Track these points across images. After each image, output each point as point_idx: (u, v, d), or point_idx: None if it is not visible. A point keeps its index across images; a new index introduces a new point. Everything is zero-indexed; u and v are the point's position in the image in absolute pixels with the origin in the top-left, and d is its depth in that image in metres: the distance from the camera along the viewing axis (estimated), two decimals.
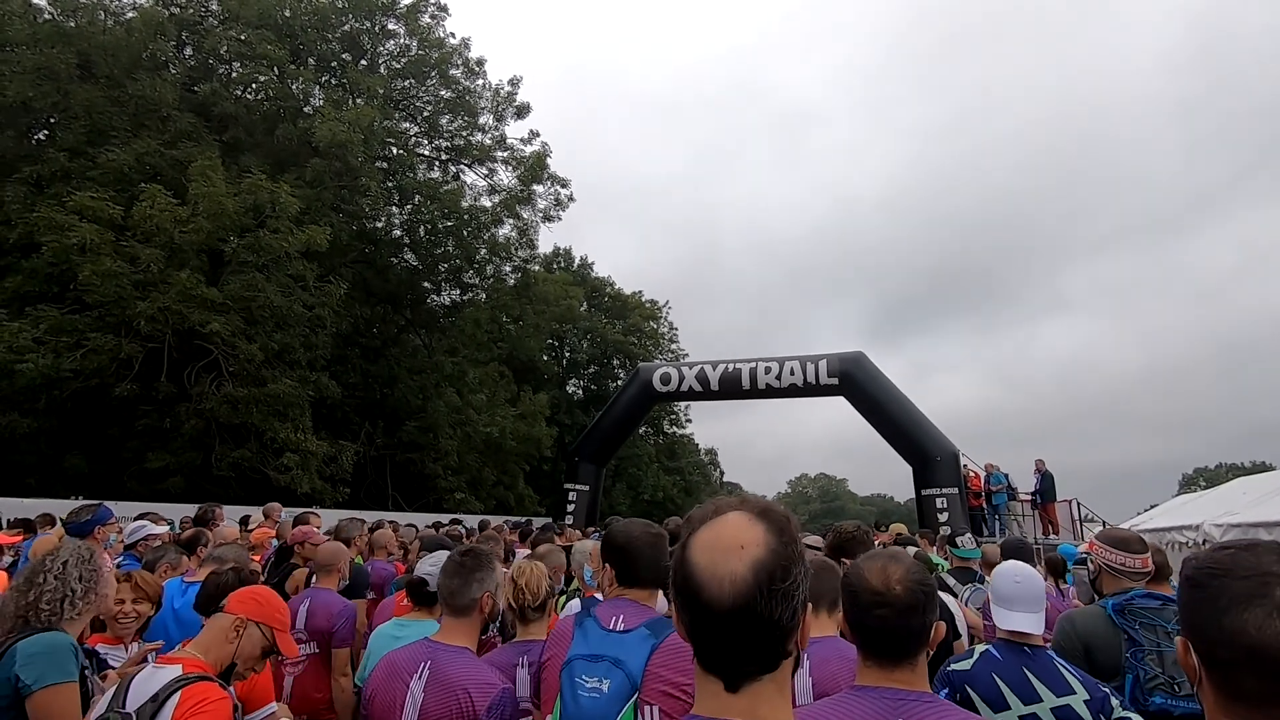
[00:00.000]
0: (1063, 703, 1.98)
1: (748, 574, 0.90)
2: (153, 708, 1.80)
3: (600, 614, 1.91)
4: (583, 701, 1.70)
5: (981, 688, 2.06)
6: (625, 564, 2.01)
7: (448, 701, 2.01)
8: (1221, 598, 0.96)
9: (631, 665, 1.73)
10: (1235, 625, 0.93)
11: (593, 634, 1.85)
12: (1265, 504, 7.02)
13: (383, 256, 20.28)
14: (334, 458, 15.44)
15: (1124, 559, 2.62)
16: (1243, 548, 1.02)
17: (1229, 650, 0.94)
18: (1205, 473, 67.33)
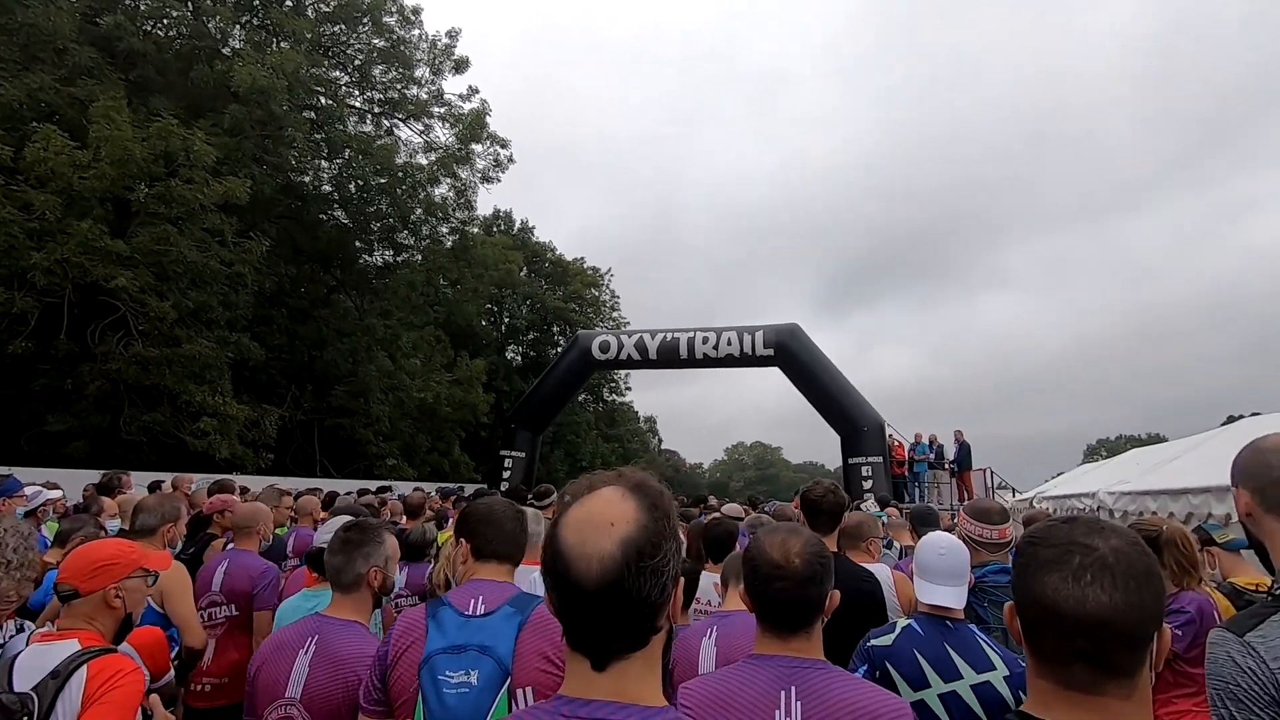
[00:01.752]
0: (983, 679, 1.95)
1: (616, 551, 0.89)
2: (55, 684, 1.68)
3: (456, 600, 1.76)
4: (449, 700, 1.56)
5: (902, 664, 2.01)
6: (483, 536, 1.90)
7: (333, 677, 1.96)
8: (1032, 564, 1.03)
9: (500, 649, 1.63)
10: (1038, 588, 1.00)
11: (450, 624, 1.69)
12: (1154, 474, 7.54)
13: (310, 213, 19.28)
14: (256, 422, 14.81)
15: (982, 530, 2.69)
16: (1063, 520, 1.08)
17: (1034, 611, 1.01)
18: (1107, 443, 72.35)
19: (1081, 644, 0.96)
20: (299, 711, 1.95)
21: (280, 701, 1.97)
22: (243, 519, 3.91)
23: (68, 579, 1.90)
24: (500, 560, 1.91)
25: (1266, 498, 1.37)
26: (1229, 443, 7.46)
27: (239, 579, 3.59)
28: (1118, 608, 0.95)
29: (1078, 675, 0.97)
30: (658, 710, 0.92)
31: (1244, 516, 1.43)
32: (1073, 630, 0.96)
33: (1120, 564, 0.97)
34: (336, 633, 2.04)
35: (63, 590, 1.89)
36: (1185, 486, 6.03)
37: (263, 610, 3.57)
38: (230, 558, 3.72)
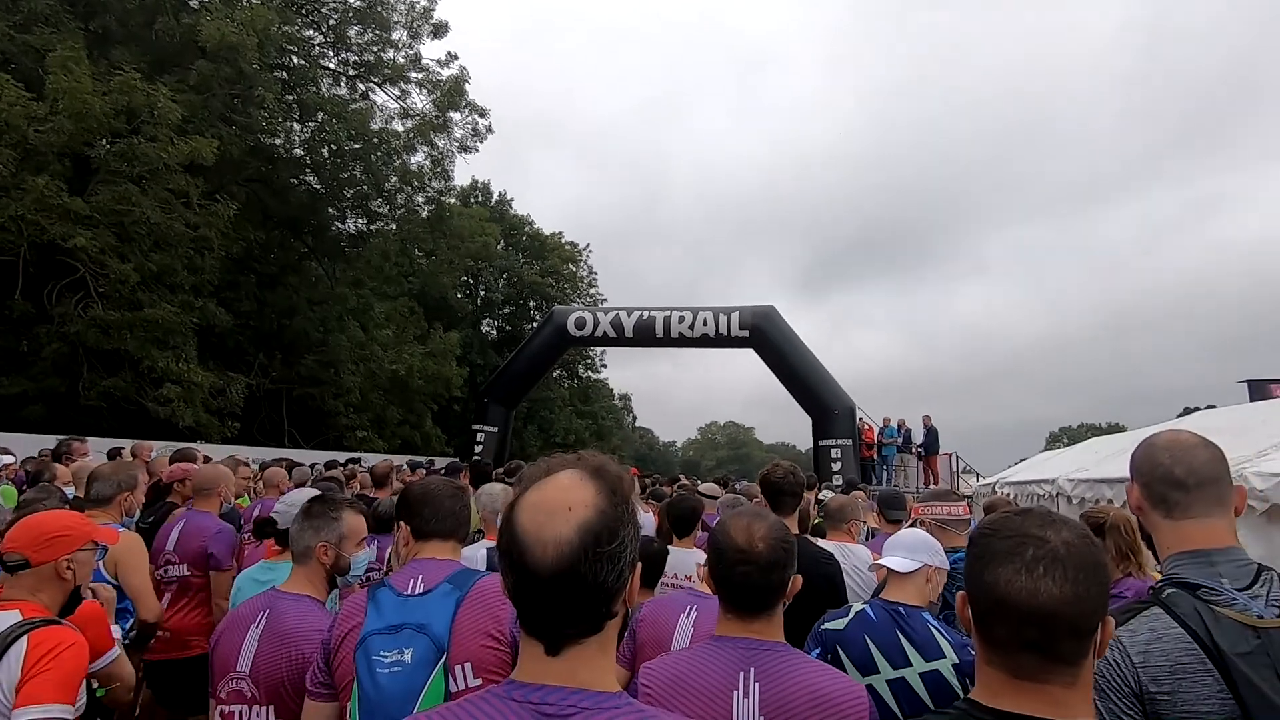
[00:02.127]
0: (931, 668, 1.96)
1: (573, 537, 0.88)
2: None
3: (396, 581, 1.73)
4: (381, 679, 1.53)
5: (852, 649, 2.02)
6: (421, 516, 1.87)
7: (279, 651, 1.93)
8: (985, 555, 1.05)
9: (436, 627, 1.60)
10: (990, 579, 1.03)
11: (388, 604, 1.66)
12: (1110, 462, 7.75)
13: (281, 177, 18.73)
14: (222, 390, 14.51)
15: (946, 509, 2.76)
16: (1016, 512, 1.10)
17: (985, 601, 1.04)
18: (1068, 431, 74.32)
19: (1031, 634, 0.98)
20: (248, 685, 1.93)
21: (232, 675, 1.96)
22: (202, 480, 3.90)
23: (17, 548, 1.84)
24: (442, 538, 1.88)
25: (1152, 493, 1.40)
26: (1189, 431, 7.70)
27: (193, 539, 3.61)
28: (1067, 599, 0.97)
29: (1026, 664, 1.00)
30: (610, 695, 0.91)
31: (1135, 510, 1.47)
32: (1024, 621, 0.98)
33: (1071, 557, 1.00)
34: (285, 606, 2.02)
35: (11, 560, 1.83)
36: None
37: (218, 571, 3.60)
38: (187, 518, 3.73)
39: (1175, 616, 1.25)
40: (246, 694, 1.93)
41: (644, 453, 66.67)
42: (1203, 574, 1.29)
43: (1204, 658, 1.20)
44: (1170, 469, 1.38)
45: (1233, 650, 1.18)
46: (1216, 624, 1.21)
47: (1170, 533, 1.38)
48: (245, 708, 1.92)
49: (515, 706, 0.89)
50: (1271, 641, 1.18)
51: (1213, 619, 1.22)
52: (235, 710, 1.93)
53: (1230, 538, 1.35)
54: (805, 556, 2.75)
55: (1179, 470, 1.37)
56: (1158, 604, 1.30)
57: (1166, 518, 1.38)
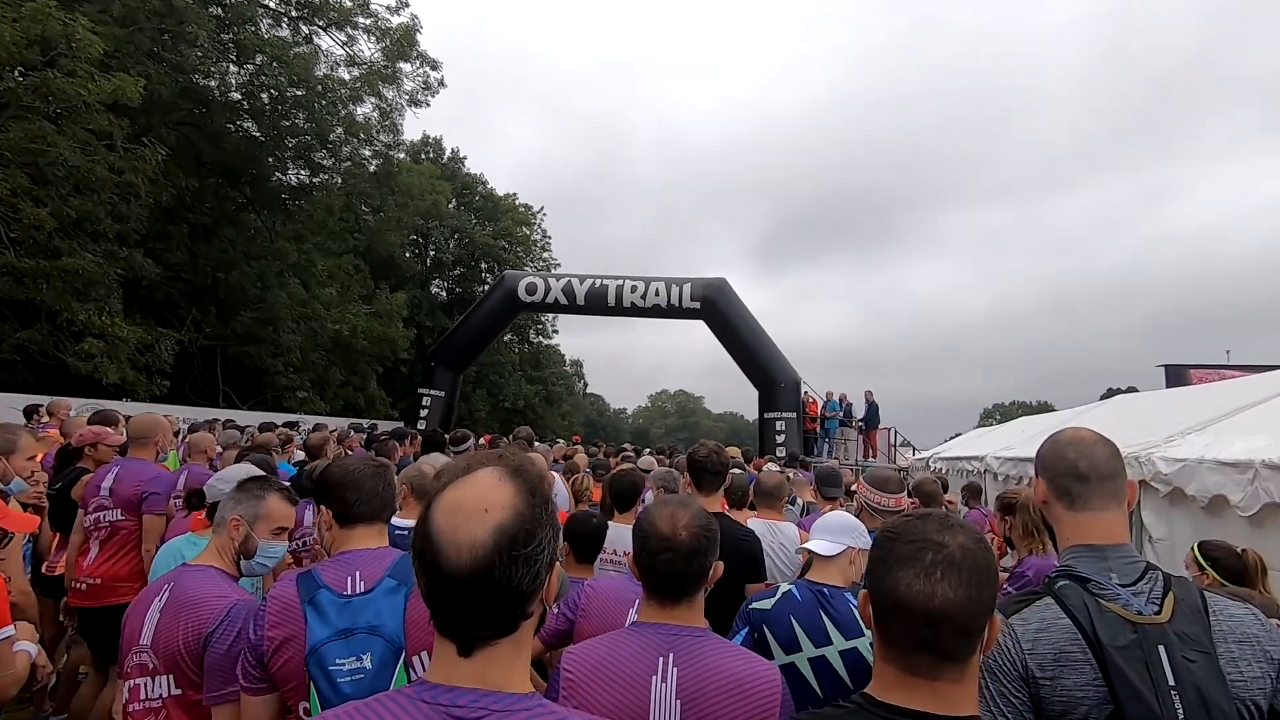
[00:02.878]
0: (850, 646, 2.03)
1: (488, 540, 0.87)
2: None
3: (331, 580, 1.66)
4: (345, 688, 1.51)
5: (777, 628, 2.09)
6: (343, 500, 1.79)
7: (174, 620, 1.89)
8: (888, 558, 1.12)
9: (389, 628, 1.58)
10: (891, 582, 1.09)
11: (330, 608, 1.60)
12: (1034, 442, 8.15)
13: (215, 121, 17.66)
14: (150, 346, 13.83)
15: (881, 498, 2.87)
16: (918, 516, 1.16)
17: (885, 602, 1.11)
18: (1001, 408, 77.77)
19: (927, 634, 1.05)
20: (149, 656, 1.90)
21: (137, 648, 1.93)
22: (138, 429, 3.93)
23: None
24: (367, 523, 1.82)
25: (1056, 486, 1.49)
26: (1105, 416, 8.14)
27: (127, 484, 3.65)
28: (961, 603, 1.04)
29: (919, 662, 1.07)
30: (522, 697, 0.91)
31: (1040, 503, 1.55)
32: (920, 622, 1.05)
33: (966, 561, 1.07)
34: (189, 578, 1.98)
35: None
36: None
37: (151, 514, 3.64)
38: (121, 464, 3.74)
39: (1064, 607, 1.33)
40: (149, 665, 1.90)
41: (594, 419, 66.92)
42: (1094, 568, 1.37)
43: (1085, 648, 1.28)
44: (1075, 463, 1.46)
45: (1111, 643, 1.26)
46: (1100, 616, 1.29)
47: (1070, 524, 1.46)
48: (149, 679, 1.89)
49: (425, 709, 0.88)
50: (1146, 637, 1.26)
51: (1097, 611, 1.30)
52: (140, 683, 1.89)
53: (1123, 534, 1.44)
54: (726, 533, 2.83)
55: (1082, 464, 1.45)
56: (1050, 594, 1.38)
57: (1069, 510, 1.46)
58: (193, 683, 1.86)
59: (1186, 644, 1.26)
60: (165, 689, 1.88)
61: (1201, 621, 1.30)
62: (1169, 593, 1.33)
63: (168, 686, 1.88)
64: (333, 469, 1.87)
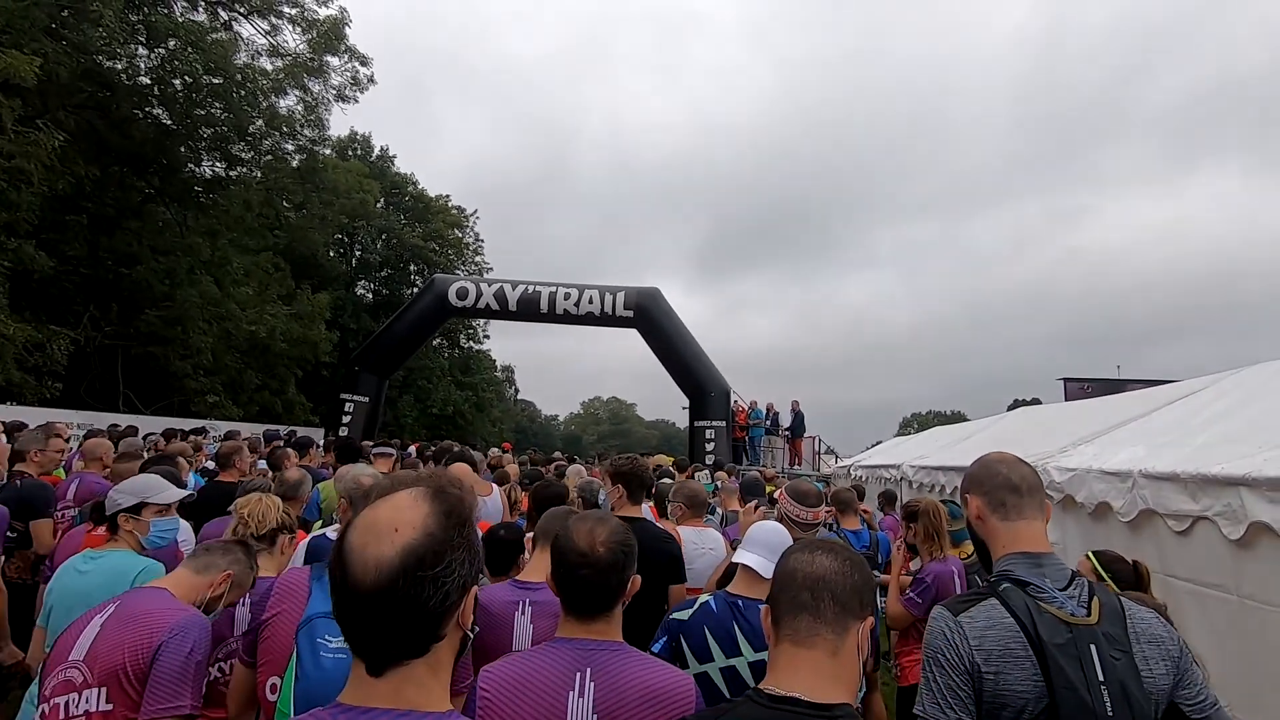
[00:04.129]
0: (759, 658, 2.07)
1: (394, 558, 0.89)
2: None
3: None
4: (325, 663, 1.55)
5: (692, 638, 2.14)
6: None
7: (120, 634, 1.84)
8: (782, 560, 1.39)
9: None
10: (779, 568, 1.37)
11: None
12: (948, 451, 8.61)
13: (121, 107, 16.51)
14: (41, 345, 12.80)
15: (799, 511, 2.99)
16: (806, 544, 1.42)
17: (775, 584, 1.34)
18: (919, 417, 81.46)
19: (805, 597, 1.27)
20: (81, 671, 1.82)
21: (63, 665, 1.84)
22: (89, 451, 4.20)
23: None
24: None
25: (992, 499, 1.64)
26: (1012, 426, 8.65)
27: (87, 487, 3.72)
28: (836, 570, 1.29)
29: (802, 627, 1.25)
30: (440, 716, 0.92)
31: (974, 520, 1.70)
32: (800, 586, 1.29)
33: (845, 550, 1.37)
34: (142, 596, 1.98)
35: None
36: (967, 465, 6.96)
37: None
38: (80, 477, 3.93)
39: (1008, 608, 1.46)
40: (76, 680, 1.81)
41: (525, 426, 66.05)
42: (1031, 573, 1.51)
43: (1027, 645, 1.41)
44: (1008, 477, 1.64)
45: (1051, 641, 1.40)
46: (1040, 617, 1.43)
47: (1005, 533, 1.61)
48: (75, 694, 1.80)
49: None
50: (1079, 636, 1.41)
51: (1038, 613, 1.44)
52: (62, 701, 1.80)
53: (1047, 542, 1.61)
54: (647, 535, 2.89)
55: (1014, 478, 1.63)
56: (994, 595, 1.51)
57: (1004, 520, 1.62)
58: (128, 699, 1.79)
59: (1112, 643, 1.41)
60: (94, 703, 1.80)
61: (1121, 623, 1.45)
62: (1094, 597, 1.48)
63: (97, 701, 1.80)
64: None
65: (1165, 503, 3.29)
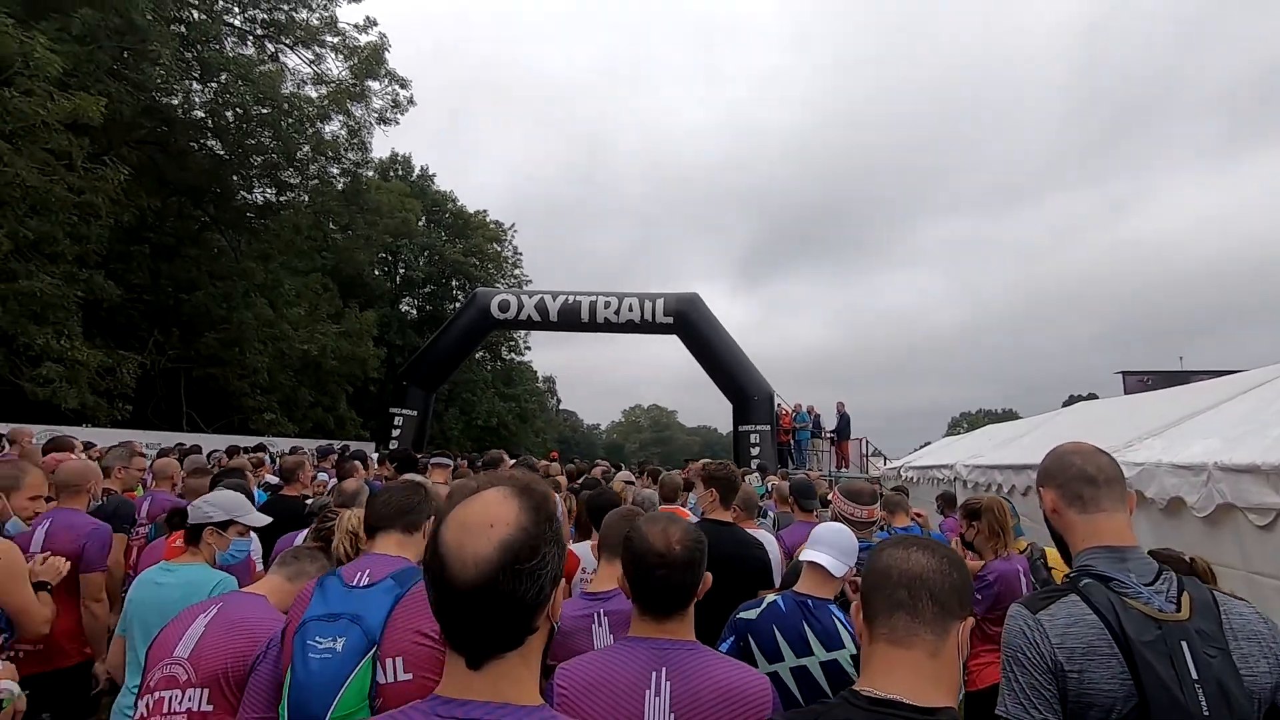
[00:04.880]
0: (831, 657, 2.07)
1: (493, 553, 0.91)
2: None
3: (345, 572, 1.80)
4: (312, 665, 1.59)
5: (760, 638, 2.13)
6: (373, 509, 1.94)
7: (225, 638, 1.94)
8: (873, 554, 1.32)
9: (371, 620, 1.65)
10: (872, 562, 1.29)
11: (333, 593, 1.73)
12: (1003, 449, 8.37)
13: (179, 140, 17.35)
14: (111, 370, 13.45)
15: (853, 509, 2.96)
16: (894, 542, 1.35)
17: (867, 580, 1.28)
18: (968, 417, 79.25)
19: (901, 595, 1.21)
20: (183, 668, 1.91)
21: (166, 660, 1.94)
22: (67, 476, 3.55)
23: None
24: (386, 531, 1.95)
25: (1067, 493, 1.58)
26: (1067, 423, 8.38)
27: (61, 539, 3.24)
28: (933, 568, 1.22)
29: (898, 625, 1.20)
30: (532, 710, 0.94)
31: (1050, 513, 1.64)
32: (895, 584, 1.22)
33: (943, 548, 1.27)
34: (243, 601, 2.09)
35: None
36: (1028, 462, 6.75)
37: (90, 573, 3.28)
38: (53, 516, 3.35)
39: (1090, 604, 1.40)
40: (180, 678, 1.90)
41: (568, 436, 66.54)
42: (1115, 568, 1.45)
43: (1113, 643, 1.35)
44: (1083, 468, 1.56)
45: (1138, 638, 1.34)
46: (1125, 613, 1.37)
47: (1084, 527, 1.55)
48: (178, 691, 1.90)
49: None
50: (1169, 633, 1.34)
51: (1123, 609, 1.38)
52: (167, 695, 1.90)
53: (1133, 536, 1.54)
54: (737, 542, 2.92)
55: (1090, 469, 1.56)
56: (1075, 592, 1.45)
57: (1081, 514, 1.55)
58: (227, 702, 1.88)
59: (1206, 640, 1.34)
60: (196, 703, 1.89)
61: (1215, 619, 1.38)
62: (1184, 591, 1.41)
63: (199, 701, 1.89)
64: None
65: (1245, 496, 3.16)
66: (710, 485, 3.13)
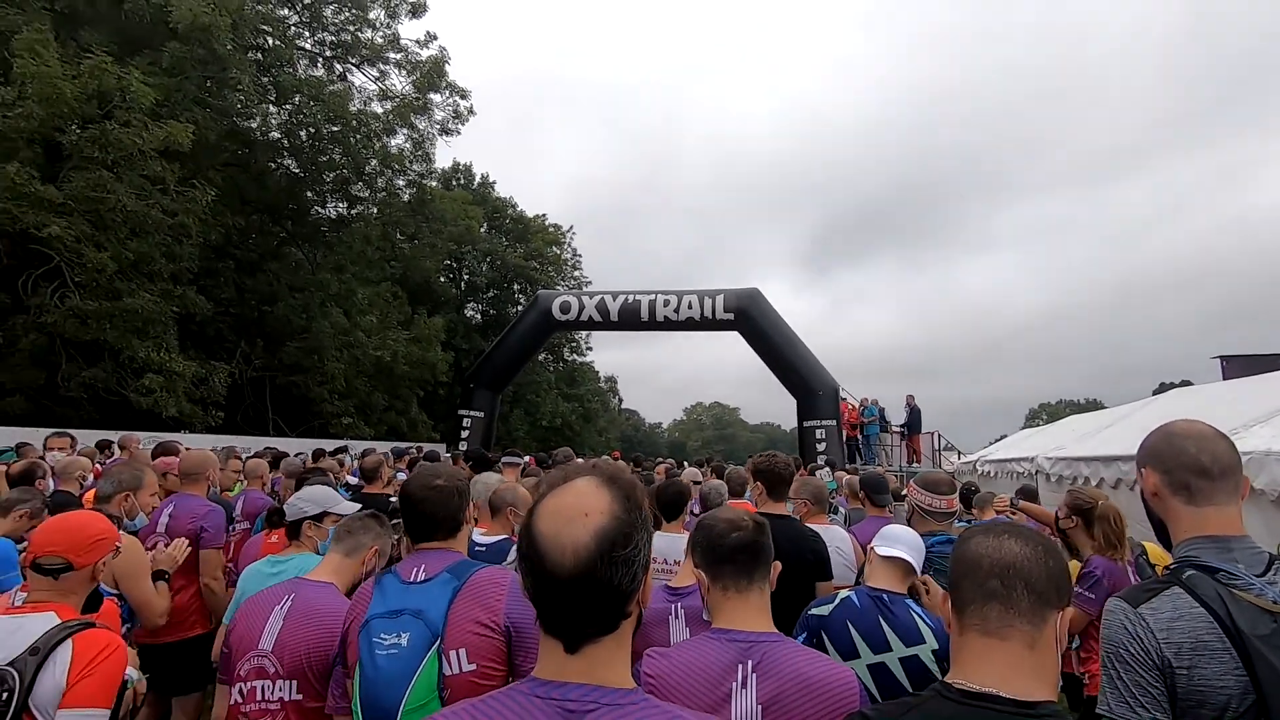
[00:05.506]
0: (911, 653, 2.01)
1: (590, 541, 0.93)
2: (36, 660, 1.66)
3: (400, 568, 1.82)
4: (380, 661, 1.62)
5: (834, 634, 2.08)
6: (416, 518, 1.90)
7: (303, 628, 2.02)
8: (960, 542, 1.25)
9: (432, 613, 1.68)
10: (961, 550, 1.22)
11: (391, 590, 1.76)
12: (1088, 441, 7.96)
13: (258, 161, 18.40)
14: (205, 379, 14.36)
15: (931, 500, 2.86)
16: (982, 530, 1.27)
17: (957, 568, 1.22)
18: (1048, 408, 75.56)
19: (994, 585, 1.15)
20: (270, 661, 2.01)
21: (253, 653, 2.04)
22: (189, 465, 3.95)
23: (60, 552, 1.86)
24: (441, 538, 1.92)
25: (1173, 480, 1.46)
26: (1158, 413, 7.91)
27: (183, 520, 3.64)
28: (1026, 555, 1.15)
29: (990, 615, 1.15)
30: (629, 692, 0.96)
31: (1150, 496, 1.53)
32: (987, 574, 1.16)
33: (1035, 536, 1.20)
34: (313, 591, 2.15)
35: (51, 564, 1.84)
36: (1116, 454, 6.39)
37: (209, 549, 3.64)
38: (176, 501, 3.76)
39: (1196, 597, 1.32)
40: (269, 670, 2.01)
41: (630, 435, 66.92)
42: (1221, 559, 1.36)
43: (1223, 637, 1.27)
44: (1197, 457, 1.43)
45: (1252, 631, 1.25)
46: (1236, 606, 1.28)
47: (1190, 518, 1.44)
48: (268, 682, 2.00)
49: (539, 704, 0.94)
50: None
51: (1232, 601, 1.29)
52: (258, 685, 2.00)
53: (1241, 526, 1.43)
54: (796, 535, 2.89)
55: (1205, 459, 1.42)
56: (1178, 584, 1.36)
57: (1188, 504, 1.44)
58: (314, 690, 1.98)
59: None
60: (287, 693, 1.99)
61: None
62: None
63: (289, 691, 1.99)
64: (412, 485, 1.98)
65: None
66: (757, 479, 3.12)
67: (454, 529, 1.91)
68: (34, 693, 1.65)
